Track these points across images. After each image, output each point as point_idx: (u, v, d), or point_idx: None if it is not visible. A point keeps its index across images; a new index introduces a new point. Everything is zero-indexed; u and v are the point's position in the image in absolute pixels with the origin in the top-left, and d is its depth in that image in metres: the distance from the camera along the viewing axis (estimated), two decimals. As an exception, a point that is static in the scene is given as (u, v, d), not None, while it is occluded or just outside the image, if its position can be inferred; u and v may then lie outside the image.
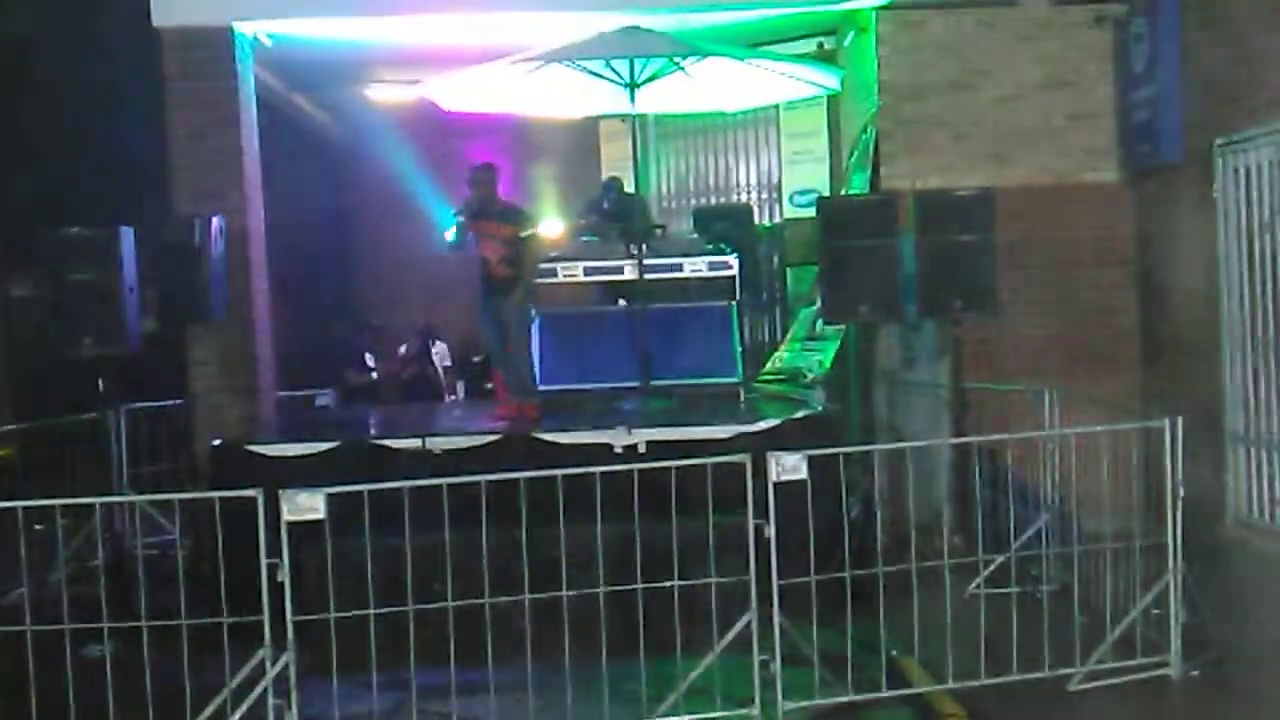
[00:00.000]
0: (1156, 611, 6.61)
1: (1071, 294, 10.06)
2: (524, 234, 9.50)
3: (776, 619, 6.06)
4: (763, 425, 8.50)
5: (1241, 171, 8.65)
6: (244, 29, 10.19)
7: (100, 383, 8.71)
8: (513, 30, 10.39)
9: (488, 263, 9.59)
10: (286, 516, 5.69)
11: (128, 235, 8.51)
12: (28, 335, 8.46)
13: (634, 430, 8.42)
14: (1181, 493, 6.52)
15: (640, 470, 6.29)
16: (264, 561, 5.67)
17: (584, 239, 10.91)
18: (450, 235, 9.45)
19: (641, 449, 8.28)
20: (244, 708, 5.74)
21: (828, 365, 10.49)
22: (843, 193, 11.33)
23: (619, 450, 8.30)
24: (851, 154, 11.49)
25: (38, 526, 6.41)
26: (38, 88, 12.23)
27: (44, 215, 9.42)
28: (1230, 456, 8.76)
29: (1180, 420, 6.54)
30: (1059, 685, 6.36)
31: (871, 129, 10.55)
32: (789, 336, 11.88)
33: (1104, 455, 6.74)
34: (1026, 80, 10.14)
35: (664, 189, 14.95)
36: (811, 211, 9.82)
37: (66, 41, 12.27)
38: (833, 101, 12.17)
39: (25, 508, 5.99)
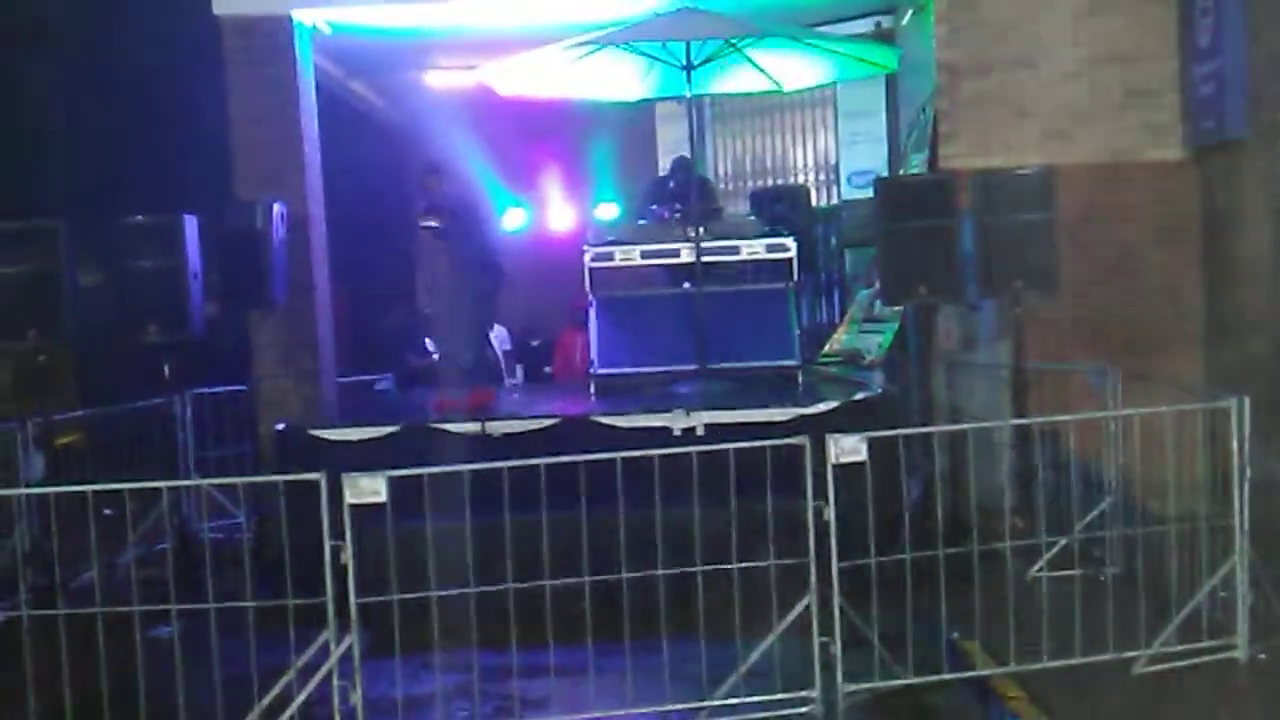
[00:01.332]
0: (1223, 594, 6.52)
1: (1134, 273, 9.93)
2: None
3: (836, 601, 6.05)
4: (821, 407, 8.47)
5: (1309, 147, 8.51)
6: (303, 17, 10.29)
7: (165, 368, 8.84)
8: (567, 14, 10.40)
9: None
10: (349, 499, 5.75)
11: (191, 222, 8.62)
12: (93, 322, 8.58)
13: (692, 413, 8.42)
14: (1249, 473, 6.43)
15: (698, 453, 6.29)
16: (327, 544, 5.73)
17: (640, 222, 10.92)
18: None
19: (700, 432, 8.28)
20: (309, 688, 5.81)
21: (886, 347, 10.44)
22: (901, 173, 11.26)
23: (677, 433, 8.31)
24: (909, 134, 11.41)
25: (106, 511, 6.52)
26: (100, 77, 12.40)
27: (108, 203, 9.56)
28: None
29: (1247, 400, 6.45)
30: (1123, 668, 6.30)
31: (930, 108, 10.47)
32: (847, 318, 11.84)
33: (1168, 436, 6.65)
34: (1087, 57, 9.99)
35: (721, 171, 14.92)
36: (869, 192, 9.77)
37: (128, 30, 12.43)
38: (890, 81, 12.10)
39: (94, 492, 6.10)
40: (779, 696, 6.07)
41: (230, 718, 5.82)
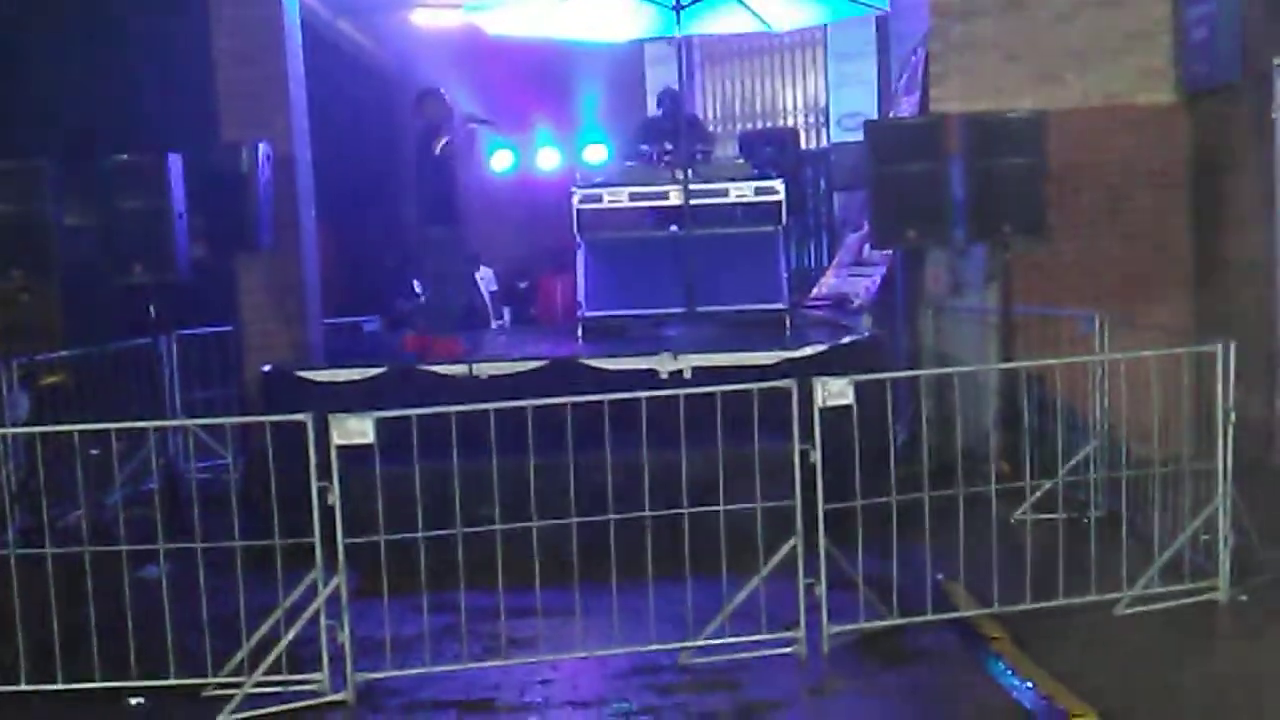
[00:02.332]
0: (1205, 536, 6.57)
1: (1124, 217, 9.92)
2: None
3: (822, 543, 6.08)
4: (809, 350, 8.49)
5: (1301, 91, 8.47)
6: (288, -46, 10.14)
7: (151, 309, 8.80)
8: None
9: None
10: (336, 441, 5.75)
11: (176, 162, 8.55)
12: (78, 262, 8.55)
13: (679, 356, 8.42)
14: (1233, 417, 6.45)
15: (685, 395, 6.30)
16: (314, 485, 5.73)
17: (628, 164, 10.86)
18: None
19: (687, 374, 8.30)
20: (297, 628, 5.84)
21: (875, 291, 10.43)
22: (891, 115, 11.20)
23: (664, 376, 8.32)
24: (900, 76, 11.33)
25: (93, 451, 6.51)
26: (83, 14, 12.25)
27: (92, 143, 9.47)
28: (1283, 382, 8.67)
29: (1232, 344, 6.46)
30: (1106, 610, 6.35)
31: (921, 50, 10.40)
32: (835, 261, 11.82)
33: (1154, 380, 6.67)
34: (1079, -1, 9.93)
35: (710, 113, 14.84)
36: (859, 135, 9.72)
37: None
38: (881, 23, 12.00)
39: (81, 432, 6.09)
40: (764, 637, 6.11)
41: (218, 657, 5.84)
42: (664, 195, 9.94)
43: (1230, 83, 9.17)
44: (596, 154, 14.28)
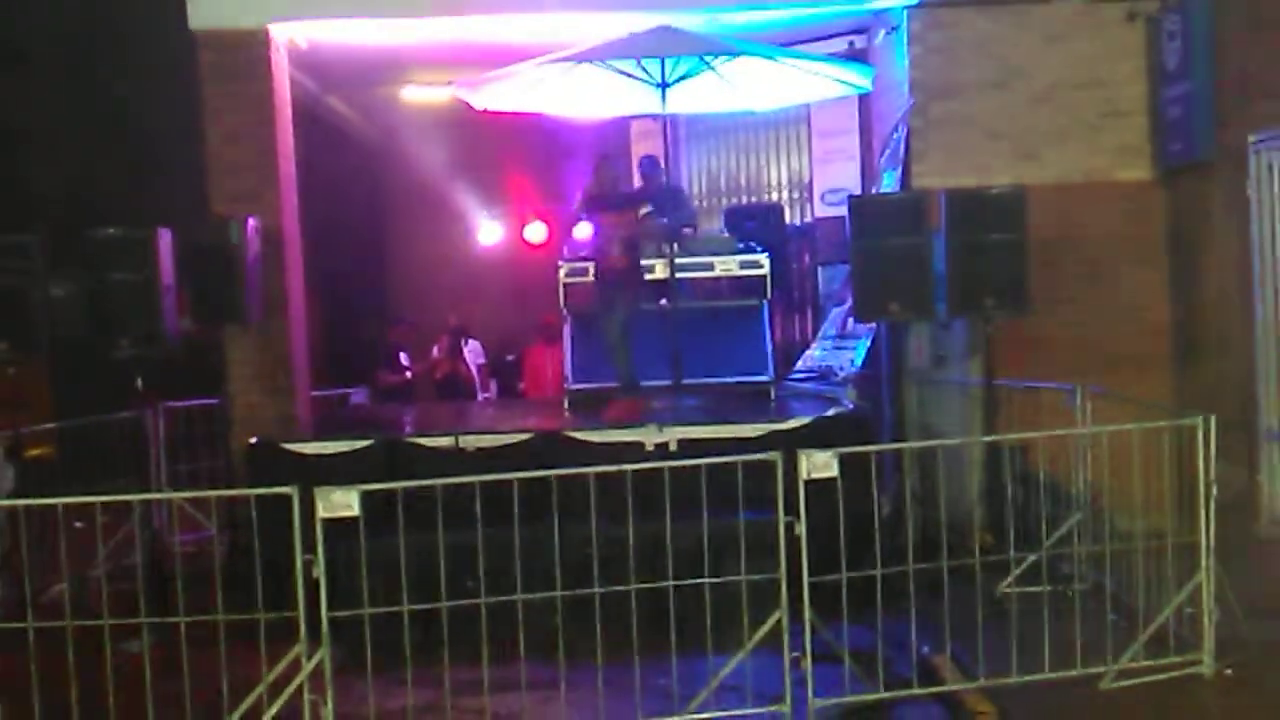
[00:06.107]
0: (1189, 610, 6.58)
1: (1104, 292, 10.02)
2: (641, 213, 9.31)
3: (807, 616, 6.08)
4: (794, 423, 8.52)
5: (1276, 168, 8.61)
6: (279, 31, 10.27)
7: (138, 382, 8.82)
8: (544, 31, 10.43)
9: (606, 256, 9.47)
10: (321, 514, 5.75)
11: (165, 236, 8.61)
12: (67, 335, 8.58)
13: (665, 428, 8.46)
14: (1215, 491, 6.49)
15: (671, 468, 6.32)
16: (299, 558, 5.72)
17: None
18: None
19: (673, 447, 8.33)
20: (280, 703, 5.80)
21: (859, 363, 10.49)
22: (873, 191, 11.33)
23: (650, 448, 8.35)
24: (883, 153, 11.48)
25: (77, 524, 6.49)
26: (75, 90, 12.38)
27: (82, 216, 9.54)
28: (1264, 455, 8.72)
29: (1213, 418, 6.52)
30: (1091, 684, 6.34)
31: (903, 127, 10.54)
32: (820, 335, 11.89)
33: (1136, 453, 6.72)
34: (1059, 78, 10.10)
35: (695, 188, 14.96)
36: (842, 210, 9.83)
37: (104, 44, 12.42)
38: (864, 100, 12.16)
39: (65, 505, 6.08)
40: (750, 711, 6.09)
41: (200, 732, 5.80)
42: (650, 269, 10.00)
43: (1205, 159, 9.32)
44: (584, 228, 14.36)
